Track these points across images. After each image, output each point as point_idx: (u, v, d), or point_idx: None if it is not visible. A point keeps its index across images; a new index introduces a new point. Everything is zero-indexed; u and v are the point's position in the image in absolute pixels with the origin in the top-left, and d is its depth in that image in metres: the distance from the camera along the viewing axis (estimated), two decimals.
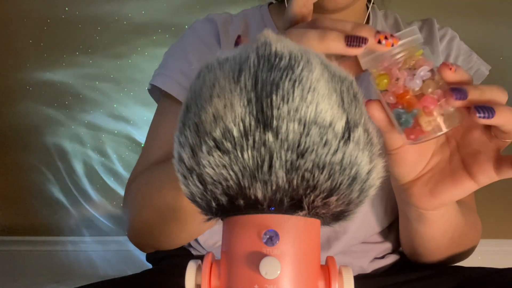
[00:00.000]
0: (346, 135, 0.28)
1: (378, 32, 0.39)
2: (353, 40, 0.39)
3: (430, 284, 0.60)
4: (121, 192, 1.55)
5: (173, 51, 0.75)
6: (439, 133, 0.40)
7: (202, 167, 0.27)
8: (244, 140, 0.27)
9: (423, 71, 0.39)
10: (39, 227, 1.56)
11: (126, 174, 1.54)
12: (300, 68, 0.28)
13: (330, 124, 0.27)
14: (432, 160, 0.47)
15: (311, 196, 0.27)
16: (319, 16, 0.43)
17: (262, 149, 0.26)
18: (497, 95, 0.40)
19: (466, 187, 0.45)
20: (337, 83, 0.29)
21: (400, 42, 0.40)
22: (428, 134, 0.40)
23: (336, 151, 0.27)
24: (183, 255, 0.73)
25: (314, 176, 0.27)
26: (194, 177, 0.28)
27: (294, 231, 0.28)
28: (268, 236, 0.27)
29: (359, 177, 0.28)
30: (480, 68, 0.71)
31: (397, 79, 0.40)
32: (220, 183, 0.27)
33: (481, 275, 0.58)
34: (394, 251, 0.69)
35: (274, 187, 0.27)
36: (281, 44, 0.29)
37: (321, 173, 0.27)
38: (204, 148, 0.27)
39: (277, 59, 0.28)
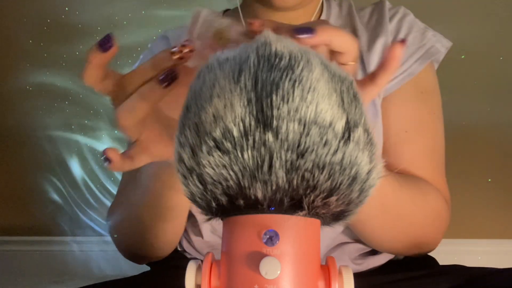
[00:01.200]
0: (346, 135, 0.28)
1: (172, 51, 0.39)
2: (163, 80, 0.38)
3: (429, 283, 0.60)
4: None
5: None
6: None
7: (202, 167, 0.27)
8: (244, 140, 0.27)
9: (233, 32, 0.39)
10: (39, 227, 1.56)
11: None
12: (300, 68, 0.28)
13: (330, 124, 0.27)
14: None
15: (311, 196, 0.27)
16: (121, 79, 0.43)
17: (262, 149, 0.26)
18: (319, 22, 0.39)
19: None
20: (337, 83, 0.29)
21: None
22: None
23: (336, 151, 0.27)
24: (182, 257, 0.73)
25: (314, 176, 0.27)
26: (194, 177, 0.28)
27: (294, 231, 0.28)
28: (268, 236, 0.27)
29: (359, 177, 0.28)
30: (435, 45, 0.69)
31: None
32: (220, 183, 0.27)
33: (481, 275, 0.58)
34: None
35: (274, 187, 0.27)
36: (281, 44, 0.29)
37: (321, 173, 0.27)
38: (204, 148, 0.27)
39: (277, 59, 0.28)
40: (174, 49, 0.38)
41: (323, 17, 0.72)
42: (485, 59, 1.33)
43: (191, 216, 0.69)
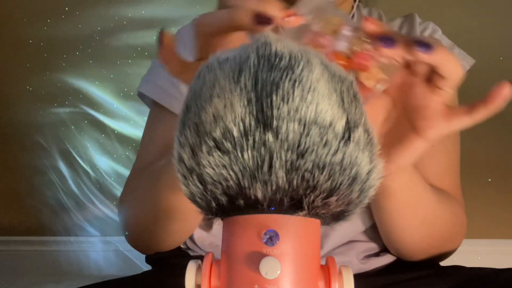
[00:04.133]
0: (346, 135, 0.28)
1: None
2: (261, 17, 0.36)
3: (430, 283, 0.60)
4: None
5: None
6: (384, 85, 0.39)
7: (202, 167, 0.27)
8: (244, 140, 0.27)
9: (346, 31, 0.39)
10: (39, 227, 1.56)
11: (126, 174, 1.54)
12: (300, 68, 0.28)
13: (330, 124, 0.27)
14: (383, 128, 0.47)
15: (311, 196, 0.27)
16: None
17: (262, 149, 0.26)
18: (426, 40, 0.39)
19: (416, 147, 0.44)
20: (337, 83, 0.29)
21: (305, 10, 0.39)
22: (374, 90, 0.40)
23: (336, 152, 0.27)
24: (183, 256, 0.73)
25: (314, 176, 0.27)
26: (194, 177, 0.28)
27: (294, 231, 0.28)
28: (268, 236, 0.27)
29: (359, 177, 0.28)
30: (462, 62, 0.70)
31: (323, 47, 0.39)
32: (220, 183, 0.27)
33: (481, 275, 0.58)
34: (384, 250, 0.70)
35: (274, 187, 0.27)
36: (281, 44, 0.29)
37: (321, 173, 0.27)
38: (204, 148, 0.27)
39: (277, 59, 0.28)
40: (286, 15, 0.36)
41: (355, 21, 0.72)
42: (485, 60, 1.33)
43: None
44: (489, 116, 0.39)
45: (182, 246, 0.75)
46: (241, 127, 0.27)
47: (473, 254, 1.40)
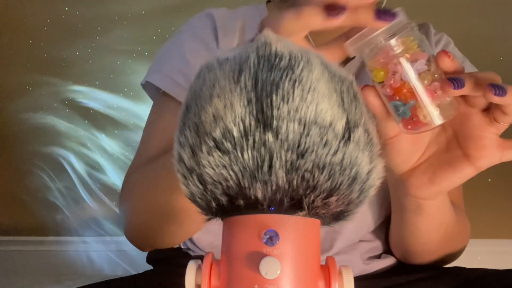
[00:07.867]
0: (346, 135, 0.28)
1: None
2: (332, 9, 0.37)
3: (431, 285, 0.60)
4: None
5: (169, 48, 0.74)
6: (436, 125, 0.41)
7: (202, 167, 0.27)
8: (244, 140, 0.27)
9: (420, 65, 0.40)
10: (39, 227, 1.56)
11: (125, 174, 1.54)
12: (300, 68, 0.28)
13: (330, 124, 0.27)
14: (428, 149, 0.48)
15: (311, 196, 0.27)
16: None
17: (262, 149, 0.26)
18: (493, 79, 0.40)
19: (465, 173, 0.46)
20: (337, 83, 0.29)
21: (388, 26, 0.39)
22: (426, 125, 0.41)
23: (336, 152, 0.27)
24: (183, 256, 0.73)
25: (314, 176, 0.27)
26: (194, 177, 0.28)
27: (294, 231, 0.28)
28: (268, 236, 0.27)
29: (359, 177, 0.28)
30: None
31: (394, 73, 0.41)
32: (220, 183, 0.27)
33: (482, 276, 0.58)
34: (386, 251, 0.69)
35: (274, 187, 0.27)
36: (281, 44, 0.29)
37: (321, 173, 0.27)
38: (204, 148, 0.27)
39: (277, 59, 0.28)
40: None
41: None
42: (485, 60, 1.33)
43: None
44: None
45: (182, 247, 0.75)
46: (241, 127, 0.27)
47: (473, 254, 1.39)
